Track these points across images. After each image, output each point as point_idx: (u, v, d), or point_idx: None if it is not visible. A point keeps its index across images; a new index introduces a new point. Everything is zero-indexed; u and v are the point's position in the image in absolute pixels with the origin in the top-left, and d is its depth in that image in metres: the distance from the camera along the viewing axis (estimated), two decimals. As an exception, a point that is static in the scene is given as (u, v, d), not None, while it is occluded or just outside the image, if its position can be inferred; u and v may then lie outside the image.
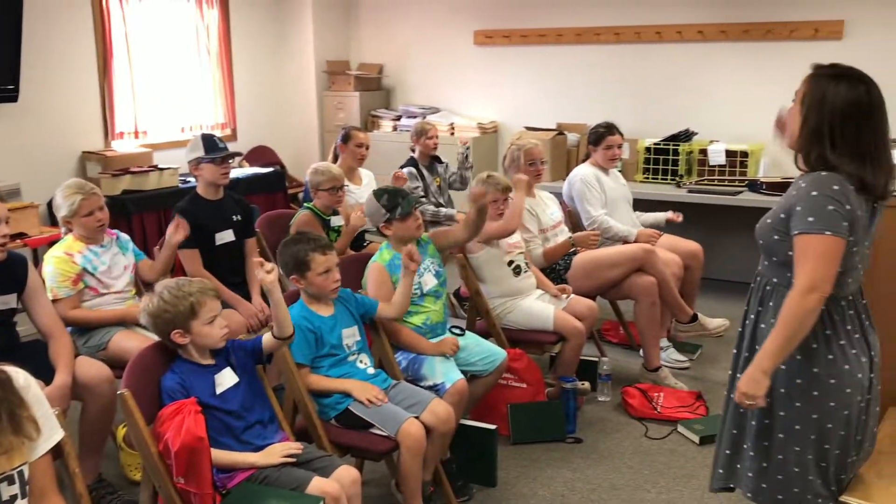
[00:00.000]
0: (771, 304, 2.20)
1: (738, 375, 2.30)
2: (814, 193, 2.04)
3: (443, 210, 5.10)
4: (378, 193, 3.29)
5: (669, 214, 4.66)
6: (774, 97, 3.70)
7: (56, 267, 3.24)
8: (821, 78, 2.11)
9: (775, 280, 2.19)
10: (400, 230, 3.26)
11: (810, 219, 2.02)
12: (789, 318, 2.04)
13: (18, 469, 1.80)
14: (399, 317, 3.13)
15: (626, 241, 4.37)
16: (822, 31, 5.39)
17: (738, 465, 2.35)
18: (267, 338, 2.61)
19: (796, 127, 2.14)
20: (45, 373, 2.80)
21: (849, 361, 2.13)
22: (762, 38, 5.58)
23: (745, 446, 2.31)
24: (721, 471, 2.40)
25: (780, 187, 4.89)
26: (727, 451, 2.37)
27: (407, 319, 3.23)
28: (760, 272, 2.28)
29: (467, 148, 5.31)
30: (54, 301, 3.17)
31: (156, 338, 3.05)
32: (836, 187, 2.03)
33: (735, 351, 2.36)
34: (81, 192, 3.31)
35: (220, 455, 2.36)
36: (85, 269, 3.29)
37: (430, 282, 3.30)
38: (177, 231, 3.51)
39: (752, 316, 2.27)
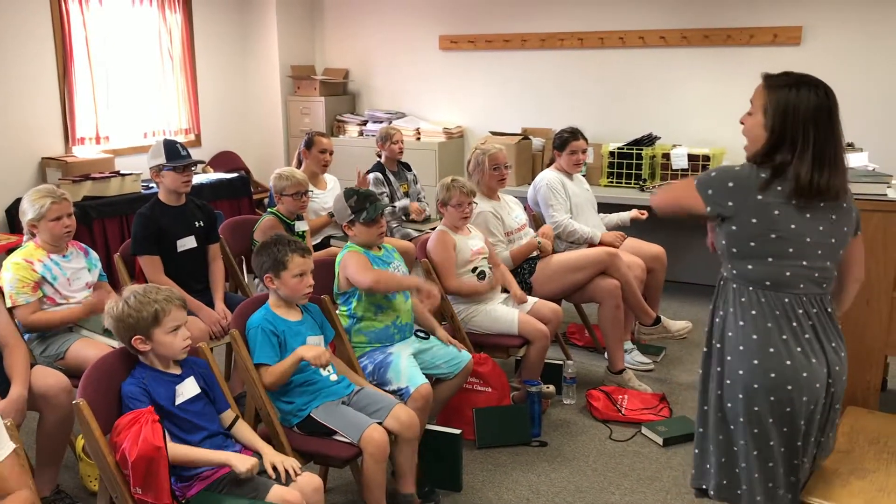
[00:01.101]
0: (720, 297, 2.30)
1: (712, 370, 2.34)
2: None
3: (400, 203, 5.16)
4: (348, 193, 3.30)
5: (634, 213, 4.70)
6: (735, 102, 3.75)
7: (15, 273, 3.19)
8: (780, 87, 2.14)
9: (724, 273, 2.28)
10: (362, 234, 3.26)
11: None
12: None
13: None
14: (272, 388, 2.81)
15: (591, 244, 4.40)
16: (780, 37, 5.48)
17: (708, 465, 2.36)
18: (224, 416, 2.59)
19: (758, 137, 2.17)
20: (1, 384, 2.75)
21: (793, 358, 2.14)
22: (722, 43, 5.66)
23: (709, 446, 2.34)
24: (693, 471, 2.43)
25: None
26: (696, 451, 2.40)
27: (376, 319, 3.22)
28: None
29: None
30: (13, 308, 3.12)
31: (115, 345, 3.03)
32: (736, 168, 2.17)
33: (705, 349, 2.38)
34: (51, 196, 3.28)
35: (193, 452, 2.34)
36: (44, 278, 3.24)
37: None
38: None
39: (711, 307, 2.34)
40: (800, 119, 2.09)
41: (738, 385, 2.19)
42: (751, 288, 2.18)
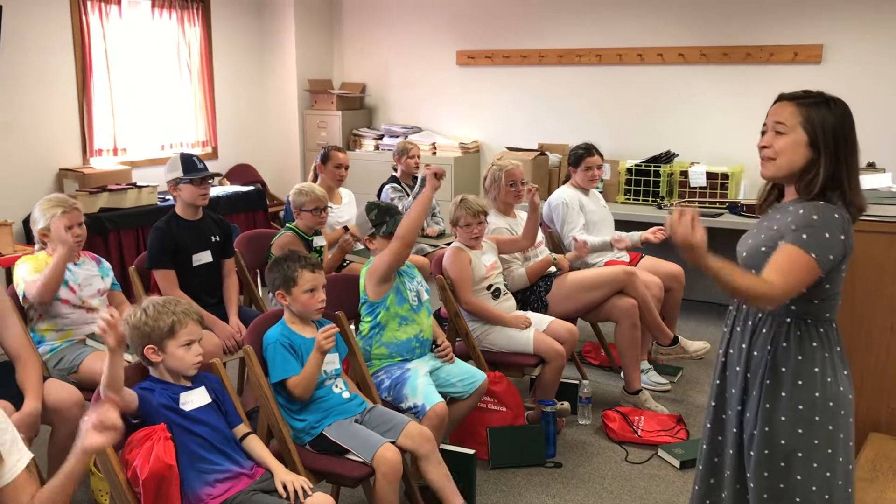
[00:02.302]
0: (764, 331, 2.15)
1: (712, 403, 2.26)
2: (815, 217, 2.02)
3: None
4: (370, 207, 3.31)
5: (645, 235, 4.41)
6: (754, 120, 3.72)
7: (29, 265, 3.23)
8: (818, 105, 2.07)
9: (771, 309, 2.14)
10: (383, 247, 3.24)
11: (804, 236, 2.01)
12: (747, 290, 1.98)
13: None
14: (305, 397, 2.81)
15: (605, 247, 4.38)
16: (801, 55, 5.44)
17: (723, 494, 2.28)
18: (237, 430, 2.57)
19: (799, 156, 2.08)
20: (15, 396, 2.74)
21: (842, 383, 2.10)
22: (742, 61, 5.62)
23: (726, 474, 2.26)
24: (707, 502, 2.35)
25: (760, 210, 4.90)
26: (710, 481, 2.32)
27: (399, 329, 3.20)
28: None
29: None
30: (26, 286, 3.15)
31: (129, 360, 3.01)
32: (836, 216, 2.02)
33: (717, 381, 2.29)
34: (62, 205, 3.28)
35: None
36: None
37: (424, 295, 3.31)
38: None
39: (744, 345, 2.19)
40: (847, 134, 2.05)
41: (800, 420, 2.09)
42: (809, 321, 2.10)
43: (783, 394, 2.11)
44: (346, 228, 4.64)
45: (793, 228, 2.03)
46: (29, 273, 3.21)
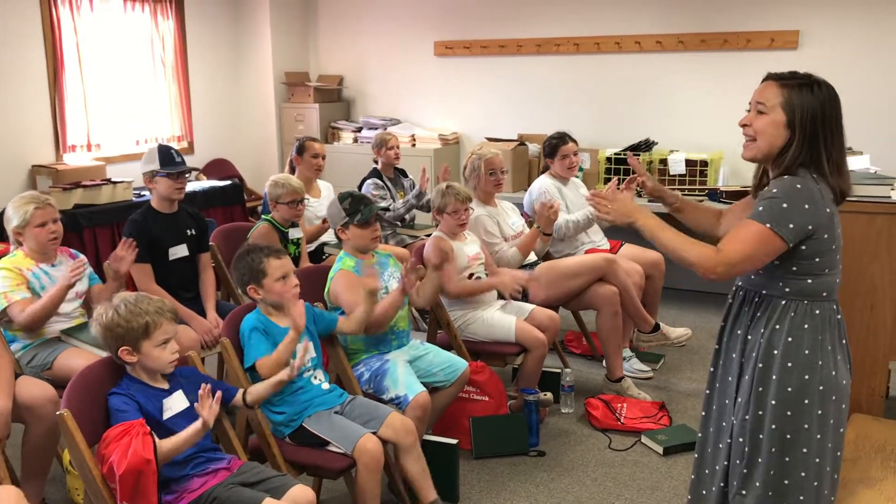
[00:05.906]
0: (759, 314, 2.13)
1: (706, 391, 2.24)
2: (774, 190, 2.03)
3: (403, 205, 5.07)
4: (342, 196, 3.25)
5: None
6: (733, 106, 3.72)
7: (6, 273, 3.13)
8: (800, 86, 2.06)
9: (765, 291, 2.13)
10: (356, 237, 3.20)
11: (760, 208, 2.04)
12: (686, 253, 2.10)
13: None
14: (359, 331, 3.05)
15: (590, 222, 4.36)
16: (777, 41, 5.45)
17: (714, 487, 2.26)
18: (237, 399, 2.56)
19: (777, 137, 2.08)
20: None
21: (837, 367, 2.08)
22: (719, 47, 5.62)
23: (724, 464, 2.23)
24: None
25: (739, 196, 4.91)
26: (706, 471, 2.29)
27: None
28: (742, 286, 2.21)
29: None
30: (9, 306, 3.07)
31: (103, 355, 2.95)
32: (798, 186, 2.02)
33: (711, 369, 2.28)
34: (35, 202, 3.21)
35: (167, 444, 2.25)
36: (31, 288, 3.16)
37: (394, 286, 3.26)
38: (127, 252, 3.30)
39: (739, 331, 2.18)
40: (829, 119, 2.03)
41: (789, 403, 2.08)
42: (805, 301, 2.08)
43: (774, 377, 2.09)
44: (325, 220, 4.60)
45: (757, 204, 2.06)
46: (7, 286, 3.11)
